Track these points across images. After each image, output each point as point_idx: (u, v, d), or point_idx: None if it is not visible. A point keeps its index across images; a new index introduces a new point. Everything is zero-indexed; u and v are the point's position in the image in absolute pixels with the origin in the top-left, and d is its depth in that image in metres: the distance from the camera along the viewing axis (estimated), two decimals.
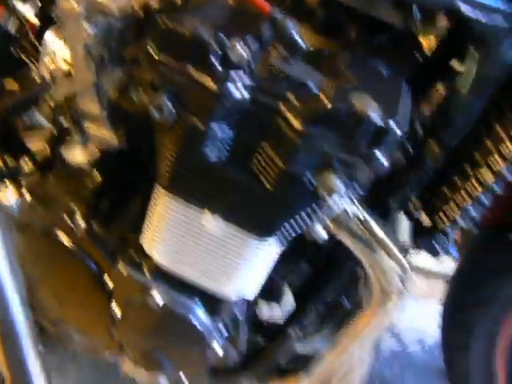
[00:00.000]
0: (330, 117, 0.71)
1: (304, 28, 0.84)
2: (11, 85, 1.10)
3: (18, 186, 0.98)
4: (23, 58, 1.17)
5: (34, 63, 1.17)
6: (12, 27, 1.28)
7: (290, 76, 0.74)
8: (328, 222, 0.82)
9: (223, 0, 0.84)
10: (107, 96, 0.84)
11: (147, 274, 0.90)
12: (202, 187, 0.78)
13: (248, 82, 0.73)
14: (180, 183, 0.78)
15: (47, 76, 0.85)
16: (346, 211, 0.83)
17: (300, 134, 0.71)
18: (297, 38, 0.75)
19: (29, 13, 1.50)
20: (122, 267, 0.90)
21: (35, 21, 1.50)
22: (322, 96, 0.71)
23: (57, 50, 0.83)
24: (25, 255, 1.00)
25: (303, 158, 0.73)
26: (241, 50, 0.71)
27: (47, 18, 1.23)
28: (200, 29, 0.71)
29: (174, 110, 0.73)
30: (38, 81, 1.14)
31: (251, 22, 0.77)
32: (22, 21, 1.29)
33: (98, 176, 0.92)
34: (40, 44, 1.20)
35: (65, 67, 0.83)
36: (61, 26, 0.81)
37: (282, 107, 0.72)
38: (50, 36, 0.83)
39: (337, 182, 0.73)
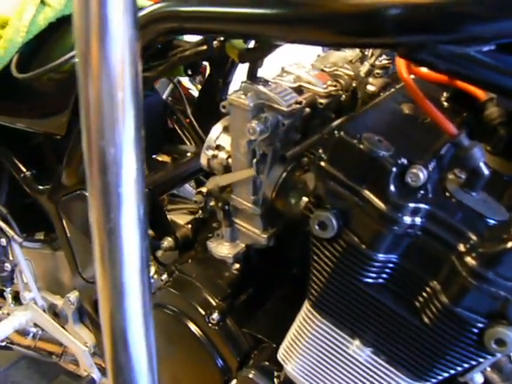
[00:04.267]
0: None
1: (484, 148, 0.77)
2: (163, 157, 1.12)
3: (157, 264, 0.98)
4: (177, 129, 1.19)
5: (186, 136, 1.19)
6: (167, 95, 1.32)
7: (469, 207, 0.66)
8: (487, 367, 0.73)
9: (397, 107, 0.80)
10: (264, 194, 0.81)
11: None
12: (355, 315, 0.71)
13: (423, 208, 0.66)
14: (331, 306, 0.72)
15: (205, 166, 0.83)
16: (509, 357, 0.73)
17: (475, 276, 0.63)
18: (482, 166, 0.68)
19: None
20: (251, 371, 0.84)
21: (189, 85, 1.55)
22: (503, 235, 0.63)
23: (220, 145, 0.81)
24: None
25: (474, 302, 0.64)
26: (420, 174, 0.65)
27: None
28: (380, 149, 0.65)
29: (337, 228, 0.68)
30: (190, 157, 1.16)
31: (433, 143, 0.71)
32: (176, 85, 1.33)
33: (239, 270, 0.89)
34: (194, 114, 1.23)
35: (225, 160, 0.81)
36: (228, 120, 0.80)
37: (459, 245, 0.64)
38: (217, 129, 0.81)
39: (510, 336, 0.64)
